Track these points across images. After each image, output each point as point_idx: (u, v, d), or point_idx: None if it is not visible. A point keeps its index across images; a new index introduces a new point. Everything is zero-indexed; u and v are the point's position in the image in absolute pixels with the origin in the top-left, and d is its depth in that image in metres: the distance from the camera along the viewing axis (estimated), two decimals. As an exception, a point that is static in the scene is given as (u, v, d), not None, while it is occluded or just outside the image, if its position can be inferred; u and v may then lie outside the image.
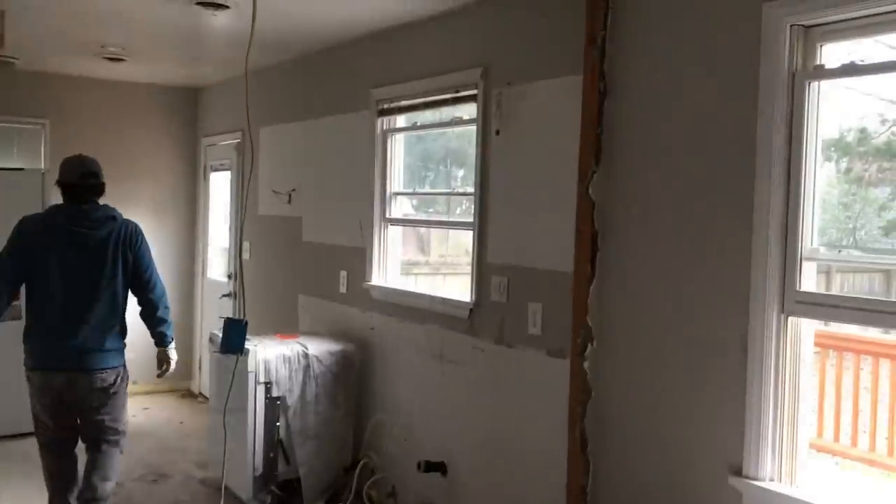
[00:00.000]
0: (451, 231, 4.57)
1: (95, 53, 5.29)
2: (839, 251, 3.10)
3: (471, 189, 3.84)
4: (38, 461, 4.91)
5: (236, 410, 4.03)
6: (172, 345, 3.91)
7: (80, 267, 3.61)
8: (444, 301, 3.93)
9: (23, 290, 3.84)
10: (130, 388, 6.52)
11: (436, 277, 6.20)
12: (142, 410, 6.24)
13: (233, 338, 3.61)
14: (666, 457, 2.79)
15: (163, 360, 3.91)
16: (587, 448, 3.04)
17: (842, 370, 5.23)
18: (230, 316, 4.75)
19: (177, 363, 3.95)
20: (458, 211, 4.41)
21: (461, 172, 4.47)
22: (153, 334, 3.88)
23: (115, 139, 6.50)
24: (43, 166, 6.19)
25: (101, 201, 3.79)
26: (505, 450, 3.54)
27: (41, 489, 4.43)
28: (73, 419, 3.74)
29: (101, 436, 3.73)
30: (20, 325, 5.01)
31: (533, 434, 3.38)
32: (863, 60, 2.34)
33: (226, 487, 3.80)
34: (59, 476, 3.75)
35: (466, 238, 3.92)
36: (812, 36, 2.42)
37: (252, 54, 3.26)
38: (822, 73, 2.40)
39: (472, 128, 3.81)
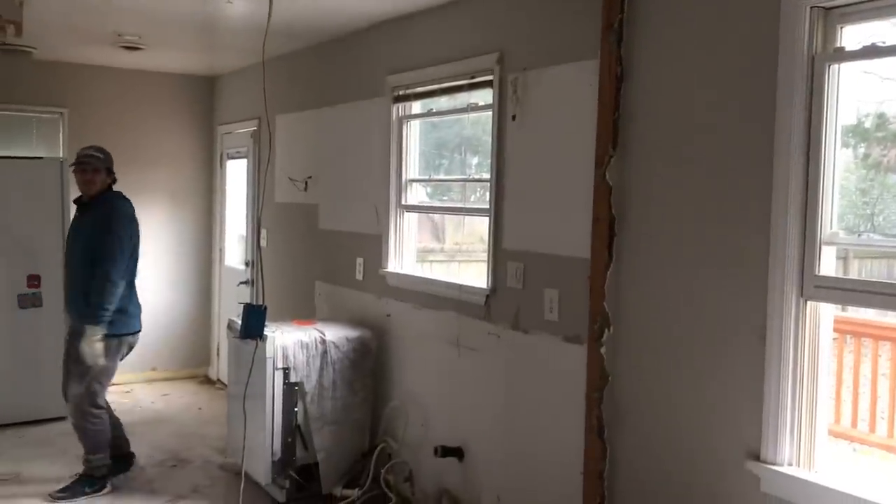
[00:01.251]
0: (465, 218, 4.57)
1: (112, 42, 5.32)
2: (858, 235, 3.08)
3: (485, 177, 3.84)
4: (60, 445, 5.06)
5: (255, 396, 4.06)
6: None
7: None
8: (461, 287, 3.94)
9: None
10: (150, 374, 6.74)
11: (451, 264, 6.20)
12: (161, 397, 6.31)
13: (252, 323, 3.65)
14: (683, 442, 2.79)
15: None
16: (604, 433, 3.05)
17: (860, 356, 5.20)
18: (249, 302, 4.80)
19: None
20: (472, 198, 4.41)
21: (475, 160, 4.46)
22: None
23: (132, 127, 6.56)
24: (61, 155, 6.24)
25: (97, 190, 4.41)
26: (522, 435, 3.55)
27: (63, 473, 4.53)
28: None
29: None
30: (38, 314, 5.12)
31: (550, 419, 3.39)
32: (884, 42, 2.31)
33: (245, 472, 3.84)
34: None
35: (482, 225, 3.92)
36: (832, 18, 2.39)
37: (268, 42, 3.27)
38: (843, 55, 2.38)
39: (487, 115, 3.80)
